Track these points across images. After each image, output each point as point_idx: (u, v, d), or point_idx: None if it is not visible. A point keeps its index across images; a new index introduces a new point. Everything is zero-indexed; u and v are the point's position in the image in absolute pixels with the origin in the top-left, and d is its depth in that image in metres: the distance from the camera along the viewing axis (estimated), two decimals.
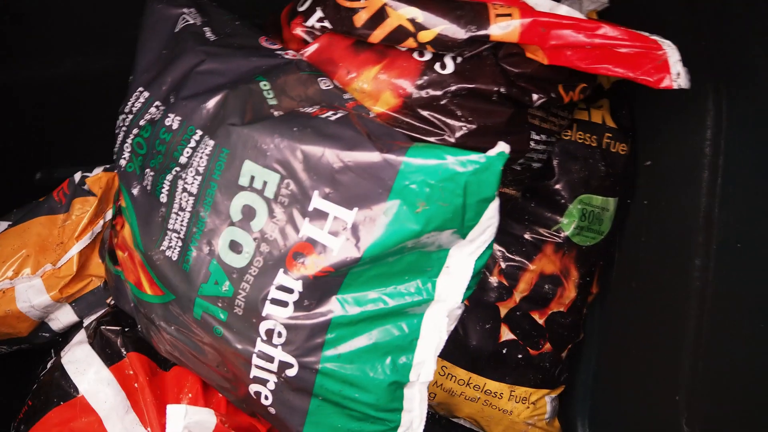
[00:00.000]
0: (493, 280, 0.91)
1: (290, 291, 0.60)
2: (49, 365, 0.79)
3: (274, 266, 0.60)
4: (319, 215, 0.59)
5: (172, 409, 0.66)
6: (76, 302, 0.83)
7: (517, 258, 0.90)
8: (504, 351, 0.92)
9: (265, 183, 0.61)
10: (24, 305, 0.80)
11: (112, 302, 0.83)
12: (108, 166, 0.88)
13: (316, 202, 0.59)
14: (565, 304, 0.92)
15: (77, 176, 0.87)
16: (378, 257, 0.59)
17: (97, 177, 0.85)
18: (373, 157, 0.57)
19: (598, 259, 0.93)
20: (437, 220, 0.57)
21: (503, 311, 0.91)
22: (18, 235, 0.83)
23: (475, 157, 0.56)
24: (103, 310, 0.83)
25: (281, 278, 0.60)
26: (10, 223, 0.87)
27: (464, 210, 0.58)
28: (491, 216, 0.59)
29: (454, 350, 0.91)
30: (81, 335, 0.77)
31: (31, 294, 0.80)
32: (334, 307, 0.61)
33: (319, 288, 0.60)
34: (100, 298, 0.84)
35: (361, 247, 0.58)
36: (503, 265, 0.91)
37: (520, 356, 0.92)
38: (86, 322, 0.83)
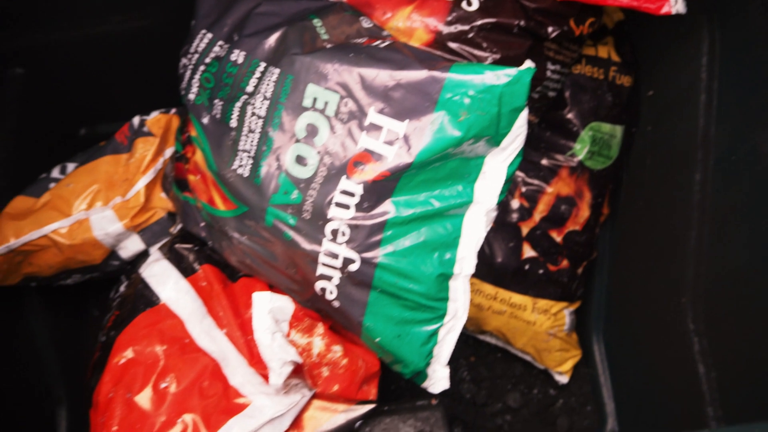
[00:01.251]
0: (515, 202, 1.01)
1: (352, 194, 0.70)
2: (125, 285, 0.89)
3: (336, 174, 0.70)
4: (375, 128, 0.69)
5: (257, 296, 0.76)
6: (142, 232, 0.93)
7: (536, 182, 1.00)
8: (526, 267, 1.02)
9: (326, 103, 0.70)
10: (99, 233, 0.90)
11: (175, 231, 0.93)
12: (164, 109, 0.97)
13: (372, 117, 0.69)
14: (580, 223, 1.02)
15: (136, 120, 0.96)
16: (426, 162, 0.68)
17: (156, 119, 0.94)
18: (421, 74, 0.67)
19: (608, 182, 1.03)
20: (476, 127, 0.67)
21: (524, 230, 1.01)
22: (88, 172, 0.92)
23: (508, 71, 0.66)
24: (166, 239, 0.93)
25: (344, 184, 0.70)
26: (77, 163, 0.96)
27: (499, 119, 0.67)
28: (521, 125, 0.69)
29: (482, 267, 1.02)
30: (156, 254, 0.87)
31: (104, 223, 0.90)
32: (389, 209, 0.70)
33: (376, 191, 0.70)
34: (164, 227, 0.93)
35: (413, 153, 0.68)
36: (523, 188, 1.01)
37: (540, 272, 1.02)
38: (152, 250, 0.93)
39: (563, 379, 1.14)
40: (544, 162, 1.00)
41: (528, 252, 1.02)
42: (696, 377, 0.88)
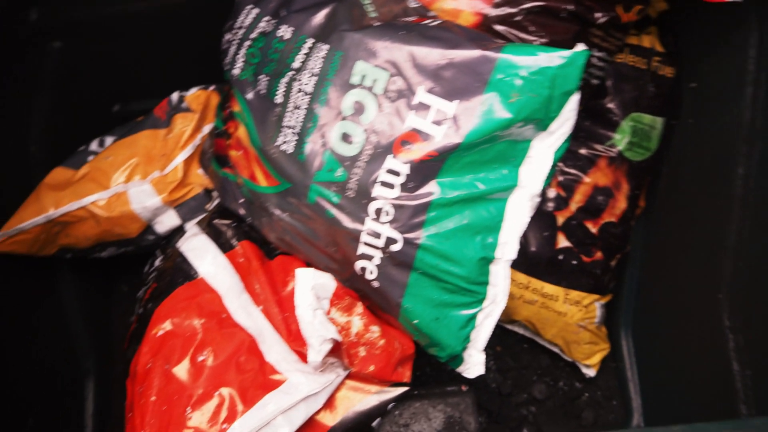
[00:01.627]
0: (551, 191, 1.00)
1: (397, 174, 0.69)
2: (160, 259, 0.89)
3: (382, 153, 0.70)
4: (424, 107, 0.68)
5: (300, 272, 0.76)
6: (179, 207, 0.93)
7: (574, 171, 0.99)
8: (560, 257, 1.01)
9: (374, 81, 0.70)
10: (138, 206, 0.90)
11: (211, 208, 0.93)
12: (203, 86, 0.97)
13: (421, 96, 0.68)
14: (616, 215, 1.01)
15: (175, 96, 0.96)
16: (474, 144, 0.68)
17: (196, 95, 0.94)
18: (473, 54, 0.66)
19: (647, 174, 1.02)
20: (527, 109, 0.66)
21: (560, 220, 1.00)
22: (127, 146, 0.92)
23: (562, 53, 0.65)
24: (203, 215, 0.93)
25: (390, 162, 0.69)
26: (116, 137, 0.97)
27: (550, 101, 0.67)
28: (571, 108, 0.68)
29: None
30: (194, 229, 0.87)
31: (143, 197, 0.90)
32: (434, 189, 0.70)
33: (422, 172, 0.69)
34: (201, 203, 0.93)
35: (461, 133, 0.67)
36: (560, 177, 1.00)
37: (574, 262, 1.02)
38: (188, 225, 0.93)
39: (590, 373, 1.13)
40: (583, 151, 0.99)
41: (562, 242, 1.01)
42: (730, 374, 0.87)
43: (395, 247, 0.71)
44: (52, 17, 1.06)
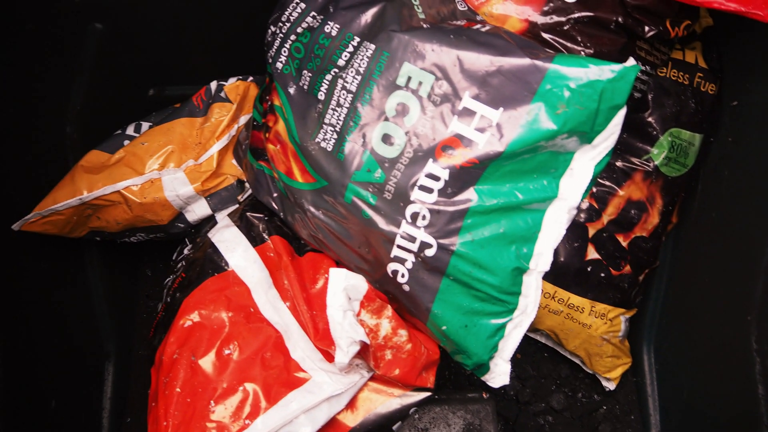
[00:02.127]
0: (584, 202, 0.99)
1: (437, 179, 0.69)
2: (189, 248, 0.89)
3: (423, 157, 0.69)
4: (468, 113, 0.68)
5: (334, 272, 0.76)
6: (211, 197, 0.92)
7: (608, 183, 0.98)
8: (588, 269, 1.00)
9: (420, 83, 0.69)
10: (170, 194, 0.90)
11: (243, 199, 0.93)
12: (242, 76, 0.97)
13: (467, 101, 0.67)
14: (648, 230, 1.00)
15: (213, 85, 0.95)
16: (516, 153, 0.67)
17: (235, 85, 0.94)
18: (523, 62, 0.65)
19: (681, 190, 1.01)
20: (573, 122, 0.65)
21: (591, 232, 0.99)
22: (163, 133, 0.92)
23: (613, 66, 0.64)
24: (234, 206, 0.93)
25: (431, 167, 0.69)
26: (152, 123, 0.96)
27: (596, 115, 0.66)
28: (617, 123, 0.67)
29: None
30: (226, 220, 0.87)
31: (176, 185, 0.90)
32: (473, 197, 0.69)
33: (462, 178, 0.69)
34: (233, 194, 0.93)
35: (504, 142, 0.66)
36: (594, 189, 0.99)
37: (602, 275, 1.01)
38: (218, 215, 0.93)
39: (610, 386, 1.12)
40: (619, 164, 0.98)
41: (592, 254, 1.00)
42: (755, 398, 0.86)
43: (429, 252, 0.71)
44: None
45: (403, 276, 0.73)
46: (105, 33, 1.10)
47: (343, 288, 0.73)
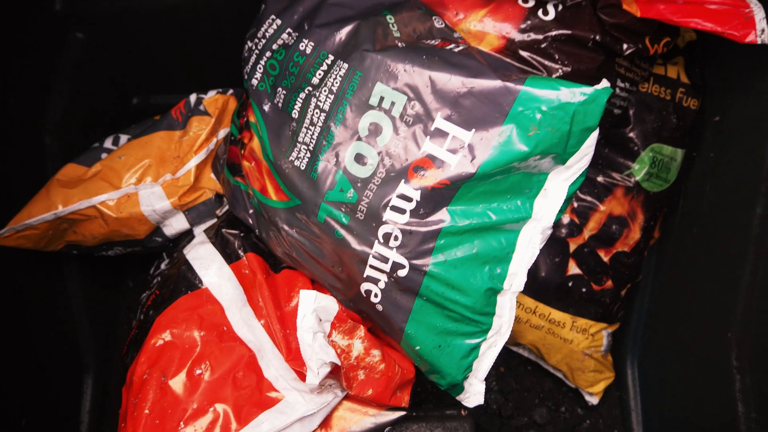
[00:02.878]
0: (566, 217, 0.98)
1: (409, 200, 0.68)
2: (166, 263, 0.89)
3: (396, 177, 0.69)
4: (440, 134, 0.67)
5: (304, 294, 0.75)
6: (189, 211, 0.92)
7: (589, 198, 0.98)
8: (570, 284, 1.00)
9: (392, 103, 0.69)
10: (147, 209, 0.89)
11: (221, 213, 0.92)
12: (221, 89, 0.96)
13: (439, 122, 0.67)
14: (629, 245, 1.00)
15: (193, 97, 0.95)
16: (489, 174, 0.67)
17: (214, 99, 0.93)
18: (495, 84, 0.65)
19: (663, 205, 1.00)
20: (545, 144, 0.65)
21: (572, 247, 0.99)
22: (140, 146, 0.92)
23: (584, 89, 0.63)
24: (212, 221, 0.92)
25: (403, 188, 0.68)
26: (130, 136, 0.96)
27: (569, 137, 0.65)
28: (590, 145, 0.67)
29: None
30: (201, 236, 0.86)
31: (153, 199, 0.89)
32: (445, 217, 0.69)
33: (434, 199, 0.68)
34: (211, 208, 0.92)
35: (476, 163, 0.66)
36: (576, 204, 0.98)
37: (584, 290, 1.00)
38: (196, 229, 0.92)
39: (593, 400, 1.12)
40: (600, 179, 0.98)
41: (573, 269, 0.99)
42: (734, 415, 0.86)
43: (402, 273, 0.70)
44: (77, 7, 1.05)
45: (376, 296, 0.73)
46: (86, 42, 1.10)
47: (313, 309, 0.73)
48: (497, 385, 1.17)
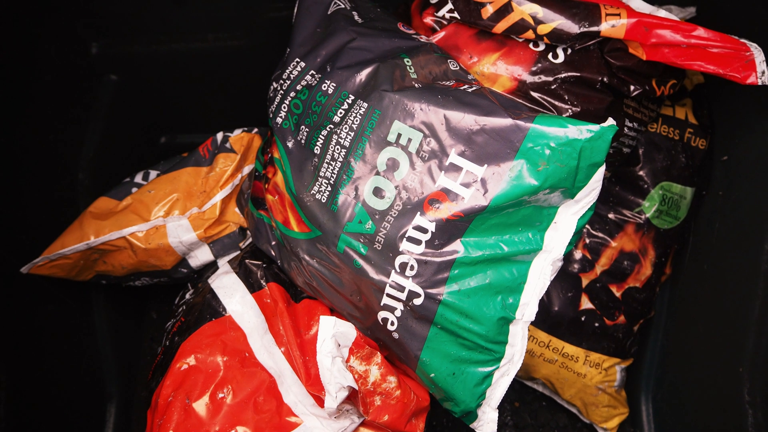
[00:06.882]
0: (578, 252, 1.01)
1: (425, 231, 0.72)
2: (191, 292, 0.92)
3: (412, 210, 0.72)
4: (454, 169, 0.71)
5: (324, 319, 0.78)
6: (213, 243, 0.96)
7: (601, 235, 1.01)
8: (582, 318, 1.02)
9: (409, 140, 0.73)
10: (174, 240, 0.93)
11: (244, 246, 0.96)
12: (246, 128, 1.01)
13: (453, 158, 0.71)
14: (641, 281, 1.02)
15: (219, 136, 1.00)
16: (500, 207, 0.70)
17: (240, 137, 0.98)
18: (506, 122, 0.69)
19: (674, 242, 1.03)
20: (554, 178, 0.68)
21: (585, 282, 1.01)
22: (169, 181, 0.96)
23: (591, 126, 0.67)
24: (235, 253, 0.96)
25: (418, 219, 0.72)
26: (159, 171, 1.01)
27: (577, 172, 0.69)
28: (598, 180, 0.70)
29: (538, 314, 1.02)
30: (226, 267, 0.90)
31: (180, 231, 0.93)
32: (459, 248, 0.72)
33: (449, 230, 0.72)
34: (235, 241, 0.96)
35: (488, 197, 0.69)
36: (587, 240, 1.01)
37: (596, 325, 1.02)
38: (220, 261, 0.96)
39: None
40: (611, 216, 1.01)
41: (586, 304, 1.02)
42: None
43: (417, 301, 0.73)
44: (112, 50, 1.11)
45: (392, 324, 0.76)
46: (119, 84, 1.15)
47: (333, 335, 0.76)
48: (512, 420, 1.18)
